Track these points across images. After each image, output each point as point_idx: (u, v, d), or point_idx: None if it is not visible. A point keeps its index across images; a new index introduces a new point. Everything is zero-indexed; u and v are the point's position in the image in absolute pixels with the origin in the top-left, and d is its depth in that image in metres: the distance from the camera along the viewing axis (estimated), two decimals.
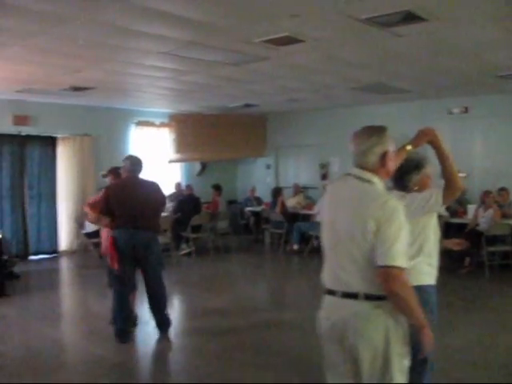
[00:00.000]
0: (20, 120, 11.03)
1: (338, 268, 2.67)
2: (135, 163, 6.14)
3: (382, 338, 2.56)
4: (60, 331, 6.60)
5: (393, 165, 2.76)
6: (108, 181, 6.79)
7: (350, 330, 2.60)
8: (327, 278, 2.78)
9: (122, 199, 5.88)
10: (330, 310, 2.73)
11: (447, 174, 3.37)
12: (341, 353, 2.68)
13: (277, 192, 12.29)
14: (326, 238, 2.82)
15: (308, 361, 5.27)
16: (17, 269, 9.28)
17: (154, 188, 6.33)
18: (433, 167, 3.60)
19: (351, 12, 5.40)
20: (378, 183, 2.67)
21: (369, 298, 2.55)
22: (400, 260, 2.47)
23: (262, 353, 5.54)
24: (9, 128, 10.87)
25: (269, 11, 5.41)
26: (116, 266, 5.76)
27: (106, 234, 6.48)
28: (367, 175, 2.65)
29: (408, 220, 2.58)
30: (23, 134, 11.10)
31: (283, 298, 8.49)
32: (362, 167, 2.68)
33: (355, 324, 2.58)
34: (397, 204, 2.57)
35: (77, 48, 6.75)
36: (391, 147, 2.71)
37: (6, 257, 8.82)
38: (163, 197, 6.56)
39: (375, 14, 5.46)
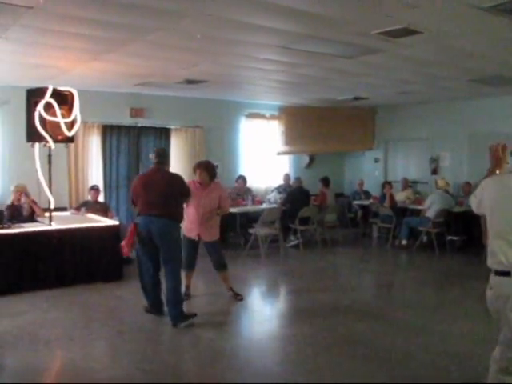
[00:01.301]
0: (136, 112, 11.55)
1: None
2: (159, 155, 6.50)
3: None
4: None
5: None
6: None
7: None
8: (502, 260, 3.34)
9: (142, 188, 6.35)
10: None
11: None
12: None
13: (386, 186, 12.12)
14: (497, 226, 3.44)
15: (419, 360, 5.21)
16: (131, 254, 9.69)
17: (174, 179, 6.55)
18: None
19: (473, 0, 5.23)
20: None
21: None
22: None
23: (371, 348, 5.51)
24: (127, 120, 11.40)
25: (387, 3, 5.33)
26: (125, 251, 6.35)
27: None
28: None
29: None
30: (139, 125, 11.61)
31: (392, 294, 8.37)
32: None
33: None
34: None
35: (194, 42, 6.93)
36: None
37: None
38: (186, 188, 6.64)
39: (500, 1, 5.25)
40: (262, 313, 7.28)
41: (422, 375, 4.86)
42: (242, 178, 12.22)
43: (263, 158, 13.57)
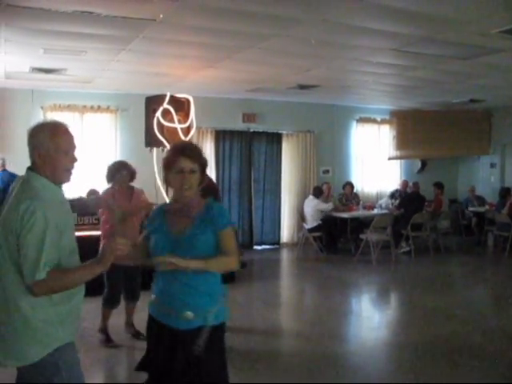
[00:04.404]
0: (248, 117, 11.77)
1: None
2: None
3: None
4: (279, 316, 6.91)
5: None
6: None
7: None
8: None
9: None
10: None
11: None
12: None
13: (505, 192, 11.60)
14: None
15: None
16: (243, 257, 9.89)
17: None
18: None
19: None
20: None
21: None
22: None
23: (491, 363, 5.28)
24: (239, 125, 11.64)
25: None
26: None
27: None
28: None
29: None
30: (251, 130, 11.81)
31: (509, 305, 8.00)
32: None
33: None
34: None
35: (308, 48, 6.97)
36: None
37: None
38: None
39: None
40: (373, 319, 7.18)
41: None
42: (350, 184, 12.13)
43: (374, 163, 13.38)
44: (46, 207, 2.50)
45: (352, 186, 12.12)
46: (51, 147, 2.60)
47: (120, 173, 5.66)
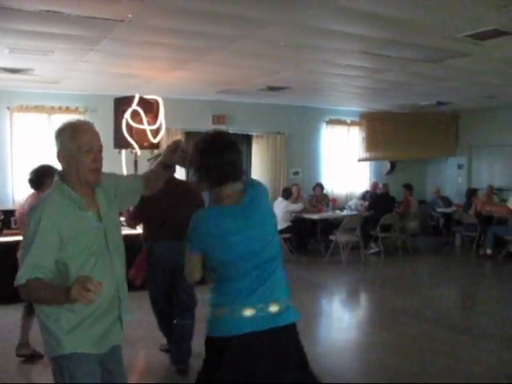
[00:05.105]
0: (218, 119, 11.72)
1: None
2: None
3: None
4: None
5: None
6: None
7: None
8: None
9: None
10: None
11: None
12: None
13: (471, 193, 11.78)
14: None
15: (501, 372, 5.04)
16: None
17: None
18: None
19: None
20: None
21: None
22: None
23: (457, 360, 5.37)
24: (209, 127, 11.57)
25: (475, 4, 5.20)
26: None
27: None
28: None
29: None
30: None
31: (475, 303, 8.13)
32: None
33: None
34: None
35: (277, 50, 6.98)
36: None
37: None
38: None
39: None
40: (343, 320, 7.22)
41: None
42: (320, 186, 12.19)
43: (344, 165, 13.47)
44: (49, 215, 2.47)
45: (322, 188, 12.19)
46: (73, 147, 2.56)
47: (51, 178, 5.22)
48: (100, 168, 2.62)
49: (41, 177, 5.08)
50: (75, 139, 2.56)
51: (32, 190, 5.25)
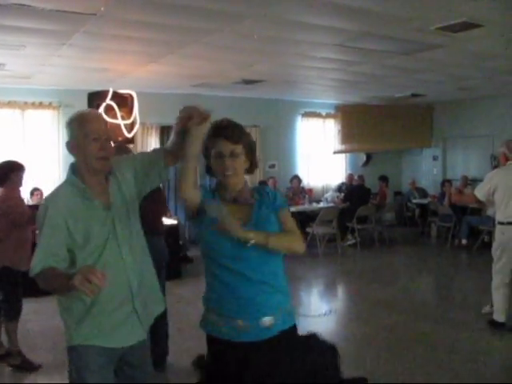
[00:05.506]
0: None
1: None
2: None
3: None
4: None
5: None
6: None
7: None
8: None
9: None
10: None
11: None
12: None
13: (446, 184, 11.90)
14: None
15: (483, 361, 5.11)
16: (190, 253, 9.87)
17: None
18: None
19: None
20: None
21: None
22: None
23: (433, 349, 5.44)
24: None
25: None
26: None
27: None
28: None
29: None
30: None
31: (451, 293, 8.22)
32: None
33: None
34: None
35: (251, 43, 6.97)
36: None
37: (181, 242, 9.44)
38: None
39: None
40: (320, 312, 7.26)
41: (485, 376, 4.77)
42: (297, 178, 12.22)
43: (319, 157, 13.52)
44: (55, 203, 2.54)
45: (299, 180, 12.21)
46: (80, 135, 2.56)
47: (16, 174, 5.05)
48: (107, 156, 2.59)
49: (5, 172, 4.98)
50: (82, 128, 2.56)
51: None
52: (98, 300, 2.50)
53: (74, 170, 2.64)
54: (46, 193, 2.82)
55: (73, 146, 2.60)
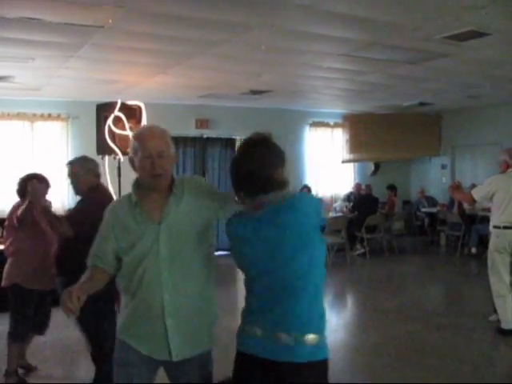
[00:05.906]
0: (201, 123, 11.75)
1: None
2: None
3: None
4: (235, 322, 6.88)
5: None
6: None
7: None
8: None
9: None
10: None
11: None
12: None
13: None
14: None
15: (490, 372, 5.07)
16: None
17: None
18: None
19: None
20: None
21: None
22: None
23: (443, 358, 5.40)
24: (192, 131, 11.60)
25: (452, 6, 5.25)
26: None
27: None
28: None
29: None
30: (205, 136, 11.79)
31: (460, 302, 8.18)
32: None
33: None
34: None
35: (258, 53, 7.00)
36: None
37: None
38: None
39: None
40: (330, 322, 7.20)
41: None
42: (307, 188, 12.19)
43: (328, 167, 13.50)
44: (110, 211, 2.74)
45: (309, 190, 12.17)
46: (134, 152, 2.62)
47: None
48: (159, 174, 2.59)
49: (23, 186, 4.89)
50: (137, 146, 2.61)
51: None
52: (136, 303, 2.63)
53: (135, 183, 2.71)
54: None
55: (130, 161, 2.67)
